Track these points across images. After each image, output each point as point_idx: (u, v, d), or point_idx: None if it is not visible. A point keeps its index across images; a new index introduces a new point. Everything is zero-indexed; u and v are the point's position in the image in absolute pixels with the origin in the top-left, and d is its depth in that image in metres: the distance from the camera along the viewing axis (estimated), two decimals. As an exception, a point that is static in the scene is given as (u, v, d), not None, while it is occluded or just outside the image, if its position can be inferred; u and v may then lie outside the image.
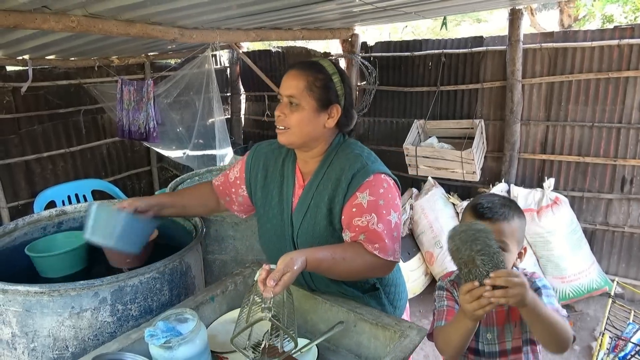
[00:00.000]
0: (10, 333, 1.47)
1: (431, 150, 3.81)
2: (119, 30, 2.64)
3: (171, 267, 1.64)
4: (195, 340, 1.23)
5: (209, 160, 4.01)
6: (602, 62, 3.40)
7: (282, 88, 1.45)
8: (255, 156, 1.64)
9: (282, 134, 1.47)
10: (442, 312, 1.41)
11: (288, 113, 1.43)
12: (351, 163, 1.45)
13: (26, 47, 3.18)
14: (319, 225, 1.46)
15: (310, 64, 1.48)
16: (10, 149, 3.76)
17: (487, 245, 1.13)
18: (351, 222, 1.40)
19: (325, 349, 1.44)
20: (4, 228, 1.86)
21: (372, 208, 1.38)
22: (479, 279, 1.12)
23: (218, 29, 3.41)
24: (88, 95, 4.19)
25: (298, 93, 1.42)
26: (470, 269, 1.13)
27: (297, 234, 1.50)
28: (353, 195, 1.41)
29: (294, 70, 1.46)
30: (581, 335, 3.21)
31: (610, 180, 3.55)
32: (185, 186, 2.71)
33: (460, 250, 1.15)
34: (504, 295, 1.08)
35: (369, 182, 1.41)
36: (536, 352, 1.39)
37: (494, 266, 1.11)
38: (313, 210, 1.47)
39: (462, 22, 10.97)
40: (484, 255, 1.12)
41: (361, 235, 1.38)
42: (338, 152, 1.50)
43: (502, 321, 1.38)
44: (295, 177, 1.55)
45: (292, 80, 1.44)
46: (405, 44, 4.29)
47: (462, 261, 1.15)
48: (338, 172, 1.45)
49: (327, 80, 1.44)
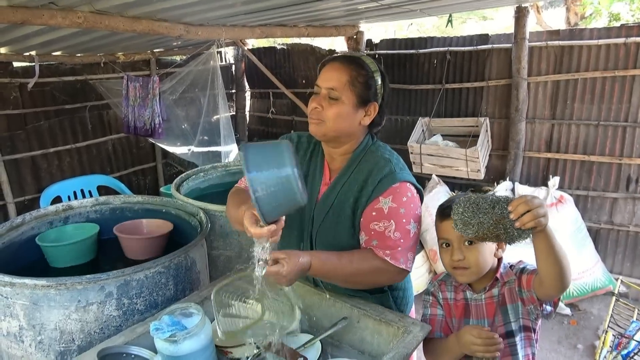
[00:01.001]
0: (18, 326, 1.49)
1: (436, 148, 3.81)
2: (125, 26, 2.66)
3: (176, 262, 1.66)
4: (200, 335, 1.24)
5: (214, 156, 4.02)
6: (609, 60, 3.39)
7: (322, 80, 1.40)
8: None
9: (316, 125, 1.41)
10: (426, 322, 1.43)
11: (326, 106, 1.39)
12: (380, 167, 1.42)
13: (33, 43, 3.20)
14: (341, 225, 1.44)
15: (353, 58, 1.43)
16: (17, 144, 3.79)
17: (488, 199, 1.11)
18: (368, 225, 1.39)
19: (329, 344, 1.45)
20: (12, 222, 1.88)
21: (392, 215, 1.36)
22: (512, 231, 1.10)
23: (223, 26, 3.42)
24: (94, 92, 4.21)
25: (340, 86, 1.37)
26: (499, 226, 1.11)
27: (317, 231, 1.48)
28: (375, 199, 1.39)
29: (336, 62, 1.41)
30: (585, 334, 3.21)
31: (616, 179, 3.53)
32: (190, 182, 2.72)
33: (482, 225, 1.12)
34: (533, 217, 1.05)
35: (394, 188, 1.38)
36: (531, 340, 1.39)
37: (507, 205, 1.09)
38: (337, 209, 1.45)
39: (467, 20, 10.93)
40: (496, 206, 1.10)
41: (374, 240, 1.36)
42: (367, 154, 1.47)
43: (493, 313, 1.39)
44: (323, 174, 1.53)
45: (334, 72, 1.39)
46: (410, 42, 4.28)
47: (490, 227, 1.12)
48: (365, 174, 1.43)
49: (369, 77, 1.40)
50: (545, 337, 3.16)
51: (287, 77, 5.08)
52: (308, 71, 4.93)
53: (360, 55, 1.45)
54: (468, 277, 1.38)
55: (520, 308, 1.37)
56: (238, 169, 2.98)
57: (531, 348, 1.41)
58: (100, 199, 2.17)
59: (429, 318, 1.46)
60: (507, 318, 1.38)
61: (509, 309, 1.38)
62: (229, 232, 2.15)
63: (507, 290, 1.38)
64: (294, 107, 5.07)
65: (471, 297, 1.42)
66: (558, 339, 3.17)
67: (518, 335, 1.38)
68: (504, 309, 1.38)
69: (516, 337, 1.37)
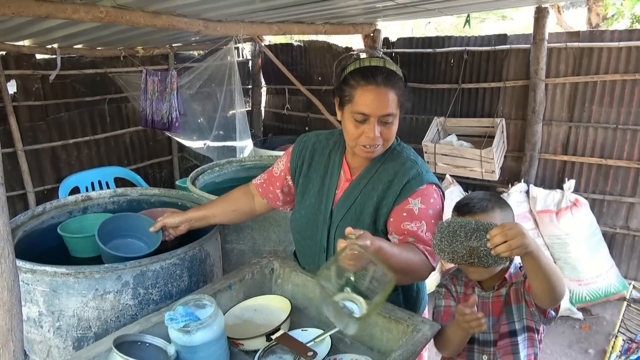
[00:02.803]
0: (38, 312, 1.53)
1: (450, 148, 3.80)
2: (145, 21, 2.70)
3: (191, 254, 1.69)
4: (212, 326, 1.27)
5: (229, 151, 4.06)
6: (629, 63, 3.34)
7: (373, 109, 1.35)
8: (301, 145, 1.64)
9: (372, 152, 1.41)
10: (439, 312, 1.47)
11: (383, 130, 1.39)
12: (406, 169, 1.43)
13: (55, 36, 3.27)
14: (362, 223, 1.44)
15: (392, 75, 1.39)
16: (38, 135, 3.87)
17: (466, 228, 1.13)
18: (400, 226, 1.39)
19: (339, 340, 1.46)
20: (33, 211, 1.93)
21: (422, 216, 1.38)
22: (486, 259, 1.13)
23: (242, 22, 3.44)
24: (113, 85, 4.28)
25: (394, 110, 1.39)
26: (473, 255, 1.13)
27: (336, 228, 1.48)
28: (405, 200, 1.40)
29: (382, 87, 1.36)
30: (596, 339, 3.18)
31: (633, 183, 3.49)
32: (205, 176, 2.76)
33: (455, 253, 1.15)
34: (508, 248, 1.07)
35: (422, 190, 1.40)
36: (534, 340, 1.41)
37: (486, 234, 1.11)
38: (359, 206, 1.46)
39: (486, 20, 10.81)
40: (473, 236, 1.12)
41: (410, 238, 1.38)
42: (392, 154, 1.48)
43: (499, 311, 1.40)
44: (342, 170, 1.53)
45: (383, 99, 1.35)
46: (427, 41, 4.26)
47: (464, 256, 1.15)
48: (391, 175, 1.44)
49: (403, 85, 1.42)
50: (556, 341, 3.14)
51: (303, 73, 5.09)
52: (324, 68, 4.94)
53: (386, 63, 1.41)
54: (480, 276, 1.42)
55: (524, 309, 1.39)
56: (253, 164, 3.00)
57: (534, 348, 1.42)
58: (118, 190, 2.22)
59: (442, 309, 1.47)
60: (511, 318, 1.39)
61: (514, 309, 1.39)
62: (242, 226, 2.18)
63: (514, 290, 1.40)
64: (309, 104, 5.09)
65: (479, 294, 1.43)
66: (569, 343, 3.15)
67: (521, 335, 1.39)
68: (508, 308, 1.40)
69: (519, 337, 1.39)
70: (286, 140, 5.03)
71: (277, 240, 2.22)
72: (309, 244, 1.57)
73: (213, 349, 1.29)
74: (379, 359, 1.38)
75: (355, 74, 1.39)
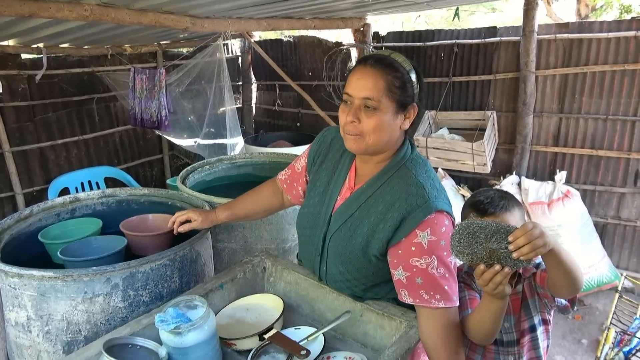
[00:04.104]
0: (26, 316, 1.51)
1: (442, 141, 3.80)
2: (131, 19, 2.66)
3: (181, 254, 1.67)
4: (204, 327, 1.26)
5: (220, 149, 4.03)
6: (618, 53, 3.35)
7: (355, 89, 1.28)
8: (320, 140, 1.58)
9: (354, 142, 1.31)
10: (465, 302, 1.40)
11: (363, 118, 1.27)
12: (410, 193, 1.28)
13: (41, 35, 3.22)
14: (355, 239, 1.36)
15: (386, 60, 1.29)
16: (25, 136, 3.82)
17: (486, 229, 1.10)
18: (408, 262, 1.26)
19: (332, 337, 1.46)
20: (20, 214, 1.90)
21: (432, 249, 1.24)
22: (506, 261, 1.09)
23: (230, 18, 3.41)
24: (101, 84, 4.23)
25: (377, 95, 1.25)
26: (493, 257, 1.10)
27: (331, 236, 1.42)
28: (412, 233, 1.25)
29: (368, 67, 1.28)
30: (589, 329, 3.20)
31: (624, 174, 3.51)
32: (196, 174, 2.73)
33: (475, 254, 1.11)
34: (532, 249, 1.03)
35: (430, 219, 1.25)
36: (548, 332, 1.43)
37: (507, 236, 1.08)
38: (355, 222, 1.36)
39: (475, 12, 10.81)
40: (493, 237, 1.09)
41: (418, 278, 1.25)
42: (401, 169, 1.34)
43: (518, 309, 1.40)
44: (348, 176, 1.43)
45: (368, 80, 1.26)
46: (417, 34, 4.25)
47: (483, 258, 1.11)
48: (394, 196, 1.30)
49: (405, 78, 1.28)
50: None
51: (294, 69, 5.07)
52: (314, 63, 4.91)
53: (391, 54, 1.32)
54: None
55: (538, 302, 1.39)
56: (244, 162, 2.98)
57: (547, 340, 1.43)
58: (106, 191, 2.19)
59: (468, 298, 1.41)
60: (529, 313, 1.40)
61: (530, 303, 1.40)
62: (234, 225, 2.16)
63: (527, 285, 1.40)
64: (300, 100, 5.07)
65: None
66: (562, 333, 3.17)
67: (539, 329, 1.41)
68: (525, 303, 1.40)
69: (537, 331, 1.40)
70: (277, 136, 5.01)
71: (269, 238, 2.21)
72: (307, 243, 1.55)
73: (205, 350, 1.28)
74: (372, 355, 1.37)
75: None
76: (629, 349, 2.12)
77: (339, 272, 1.43)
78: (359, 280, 1.41)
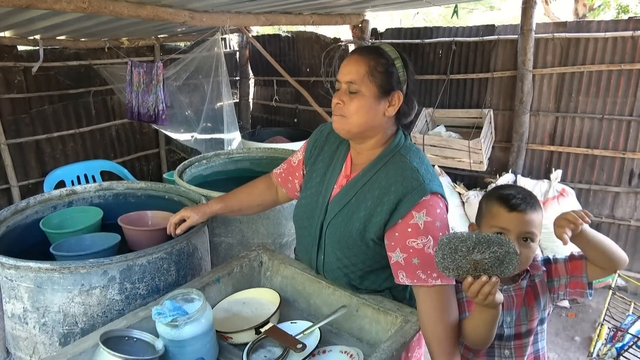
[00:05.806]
0: (22, 308, 1.51)
1: (439, 139, 3.81)
2: (129, 12, 2.65)
3: (178, 248, 1.67)
4: (200, 320, 1.27)
5: (217, 144, 4.03)
6: (615, 53, 3.36)
7: (341, 74, 1.38)
8: (317, 135, 1.62)
9: (339, 122, 1.39)
10: (462, 304, 1.39)
11: (347, 100, 1.36)
12: (405, 177, 1.33)
13: (37, 27, 3.20)
14: (352, 225, 1.39)
15: (371, 48, 1.39)
16: (21, 128, 3.80)
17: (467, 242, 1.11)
18: (405, 243, 1.30)
19: (328, 331, 1.47)
20: (16, 206, 1.89)
21: (428, 230, 1.29)
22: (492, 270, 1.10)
23: (228, 13, 3.40)
24: (98, 77, 4.21)
25: (358, 79, 1.34)
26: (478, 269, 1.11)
27: (328, 224, 1.45)
28: (409, 214, 1.29)
29: (354, 55, 1.39)
30: (582, 327, 3.23)
31: (619, 173, 3.53)
32: (193, 169, 2.73)
33: (460, 268, 1.12)
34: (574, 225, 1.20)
35: (425, 201, 1.30)
36: (543, 332, 1.43)
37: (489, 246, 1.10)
38: (352, 208, 1.40)
39: (474, 10, 10.82)
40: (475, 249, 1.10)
41: (415, 258, 1.28)
42: (395, 156, 1.39)
43: (520, 304, 1.40)
44: (344, 165, 1.48)
45: (352, 66, 1.36)
46: (416, 31, 4.25)
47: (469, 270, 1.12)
48: (390, 180, 1.35)
49: (389, 65, 1.35)
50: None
51: (292, 65, 5.06)
52: (312, 59, 4.91)
53: (379, 45, 1.41)
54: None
55: (548, 298, 1.39)
56: (241, 157, 2.99)
57: (544, 341, 1.45)
58: (103, 184, 2.19)
59: (465, 300, 1.41)
60: (539, 308, 1.39)
61: (541, 301, 1.39)
62: (231, 219, 2.16)
63: (539, 282, 1.39)
64: (297, 95, 5.06)
65: (500, 288, 1.39)
66: (556, 331, 3.19)
67: (540, 327, 1.41)
68: (537, 301, 1.39)
69: (543, 325, 1.42)
70: (274, 132, 5.01)
71: (265, 233, 2.22)
72: (305, 234, 1.56)
73: (201, 343, 1.28)
74: (368, 350, 1.38)
75: None
76: (622, 345, 2.14)
77: (337, 259, 1.45)
78: (356, 265, 1.43)
